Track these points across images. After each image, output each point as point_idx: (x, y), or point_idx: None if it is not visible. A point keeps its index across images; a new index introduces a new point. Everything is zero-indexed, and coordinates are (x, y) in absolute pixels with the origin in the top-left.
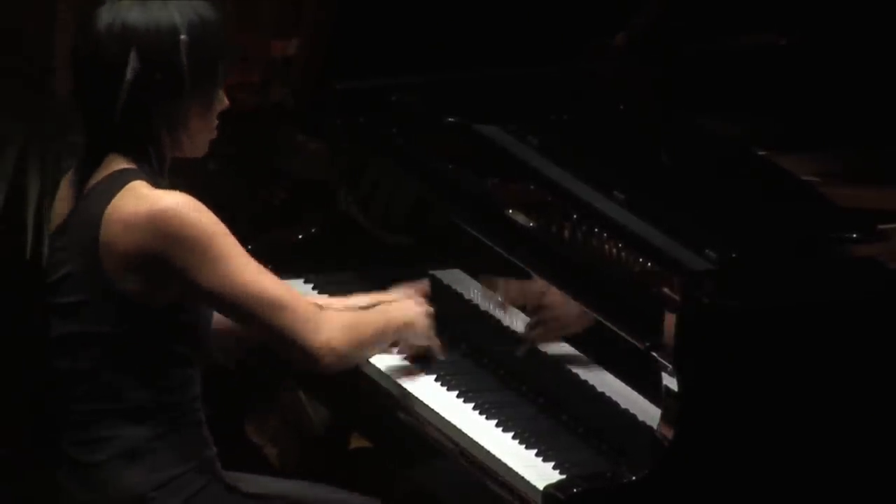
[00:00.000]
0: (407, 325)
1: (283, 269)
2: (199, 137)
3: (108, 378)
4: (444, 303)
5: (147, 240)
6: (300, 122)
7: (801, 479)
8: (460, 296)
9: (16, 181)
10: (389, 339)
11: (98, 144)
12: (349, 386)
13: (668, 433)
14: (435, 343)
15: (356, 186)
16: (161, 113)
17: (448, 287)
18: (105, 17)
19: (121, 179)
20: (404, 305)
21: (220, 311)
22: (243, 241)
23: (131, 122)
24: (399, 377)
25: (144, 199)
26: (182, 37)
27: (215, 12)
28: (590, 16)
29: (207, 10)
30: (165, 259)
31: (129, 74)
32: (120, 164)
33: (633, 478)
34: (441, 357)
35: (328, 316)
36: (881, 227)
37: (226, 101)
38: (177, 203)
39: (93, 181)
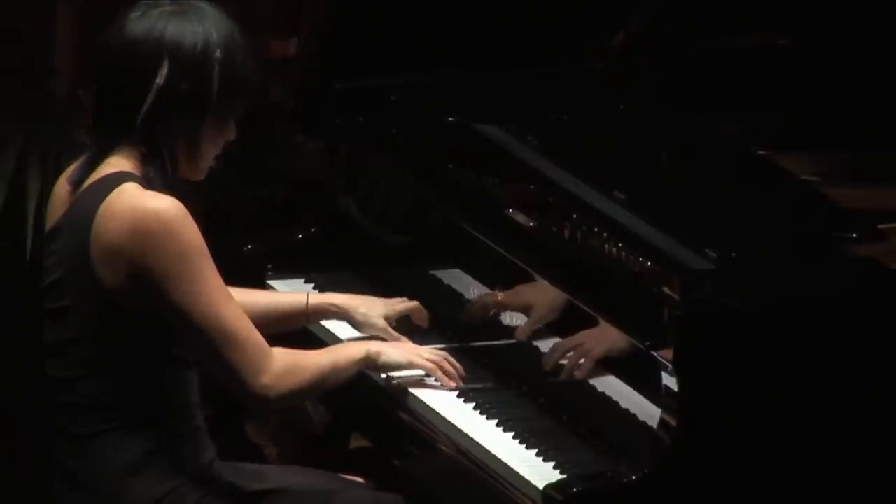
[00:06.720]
0: (364, 361)
1: (283, 269)
2: (202, 160)
3: (102, 386)
4: (444, 303)
5: (128, 237)
6: (300, 122)
7: (801, 479)
8: (460, 296)
9: (16, 181)
10: (342, 376)
11: (104, 145)
12: (349, 386)
13: (668, 433)
14: (417, 361)
15: (356, 186)
16: (179, 124)
17: (448, 287)
18: (141, 22)
19: (116, 181)
20: (358, 344)
21: (175, 326)
22: (243, 241)
23: (150, 128)
24: (399, 377)
25: (134, 198)
26: (217, 53)
27: (247, 40)
28: (590, 16)
29: (242, 36)
30: (141, 259)
31: (159, 80)
32: (118, 166)
33: (633, 478)
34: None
35: (272, 361)
36: (881, 227)
37: (234, 133)
38: (164, 207)
39: (87, 183)
